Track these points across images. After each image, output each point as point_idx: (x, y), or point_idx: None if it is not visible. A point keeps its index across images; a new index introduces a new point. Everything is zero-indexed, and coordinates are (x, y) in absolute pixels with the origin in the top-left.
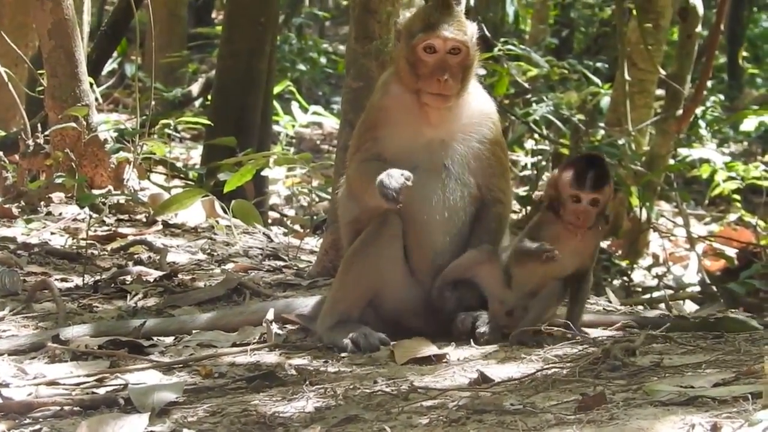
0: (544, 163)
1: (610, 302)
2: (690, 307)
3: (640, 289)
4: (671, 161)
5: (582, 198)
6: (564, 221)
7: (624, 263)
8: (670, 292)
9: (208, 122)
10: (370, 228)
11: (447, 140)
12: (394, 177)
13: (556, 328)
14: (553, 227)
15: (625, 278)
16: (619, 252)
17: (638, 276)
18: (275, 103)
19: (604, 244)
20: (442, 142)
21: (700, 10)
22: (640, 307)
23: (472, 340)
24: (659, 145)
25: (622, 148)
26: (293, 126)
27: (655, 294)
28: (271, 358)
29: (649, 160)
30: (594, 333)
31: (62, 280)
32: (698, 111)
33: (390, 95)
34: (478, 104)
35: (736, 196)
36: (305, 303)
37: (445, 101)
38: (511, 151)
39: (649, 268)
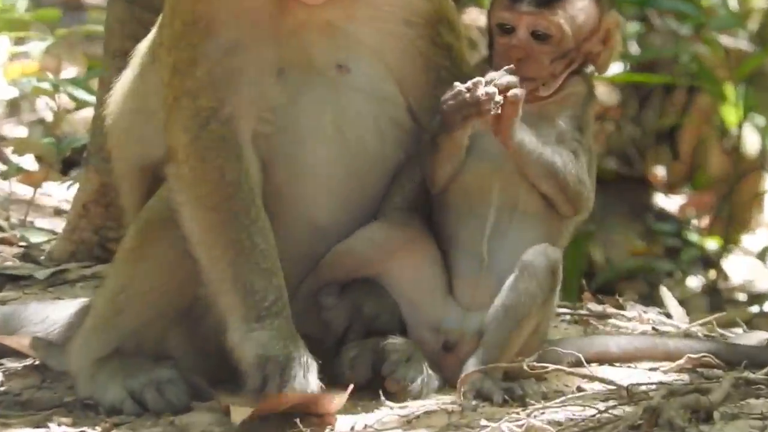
0: None
1: (669, 317)
2: None
3: (743, 297)
4: None
5: (515, 23)
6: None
7: (711, 242)
8: None
9: None
10: None
11: (341, 24)
12: None
13: (551, 366)
14: None
15: (712, 272)
16: (702, 220)
17: (740, 269)
18: None
19: (672, 205)
20: (330, 26)
21: None
22: (735, 330)
23: (381, 392)
24: None
25: (702, 2)
26: None
27: None
28: None
29: (765, 26)
30: (630, 375)
31: None
32: None
33: None
34: None
35: None
36: (42, 315)
37: None
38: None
39: (763, 253)
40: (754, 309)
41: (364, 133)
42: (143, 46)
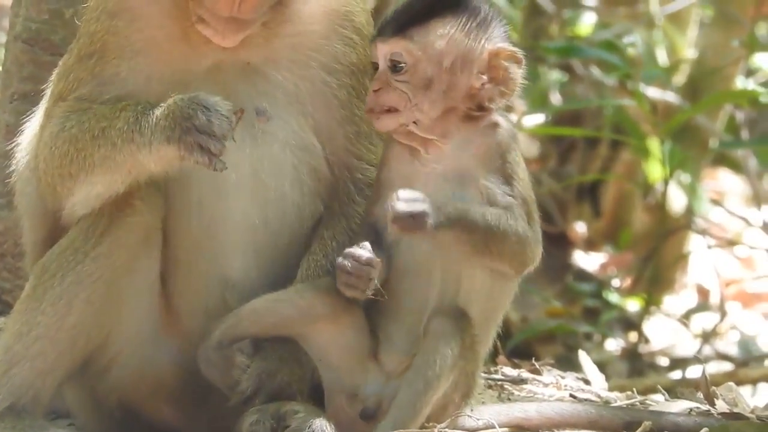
0: None
1: (588, 382)
2: (765, 397)
3: (665, 361)
4: (739, 83)
5: (377, 57)
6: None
7: (632, 303)
8: (729, 367)
9: None
10: (89, 223)
11: (260, 67)
12: (211, 109)
13: None
14: (404, 153)
15: (632, 334)
16: (624, 280)
17: (662, 332)
18: None
19: (592, 264)
20: (249, 69)
21: None
22: (656, 397)
23: None
24: (714, 49)
25: (628, 52)
26: None
27: (693, 370)
28: None
29: (694, 79)
30: None
31: None
32: None
33: None
34: None
35: None
36: None
37: (240, 31)
38: None
39: (687, 316)
40: (676, 375)
41: (284, 182)
42: None
